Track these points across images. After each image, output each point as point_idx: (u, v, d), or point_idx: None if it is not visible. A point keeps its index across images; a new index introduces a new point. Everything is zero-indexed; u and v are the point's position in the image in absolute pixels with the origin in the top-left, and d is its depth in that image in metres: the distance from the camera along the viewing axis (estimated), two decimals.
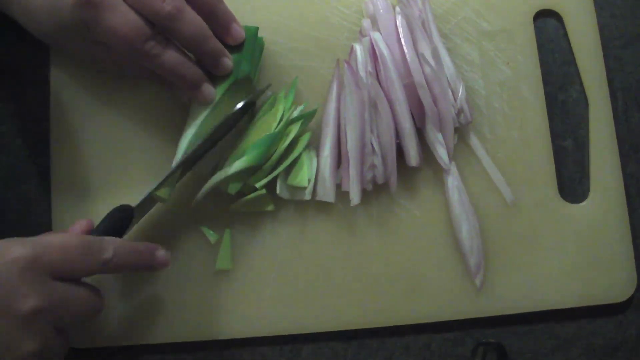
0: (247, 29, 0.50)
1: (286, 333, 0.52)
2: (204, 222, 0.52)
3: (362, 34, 0.54)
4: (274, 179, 0.51)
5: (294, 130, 0.50)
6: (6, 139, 0.54)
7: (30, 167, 0.54)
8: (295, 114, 0.51)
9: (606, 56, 0.55)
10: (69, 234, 0.43)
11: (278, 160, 0.50)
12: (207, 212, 0.52)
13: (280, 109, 0.51)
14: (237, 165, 0.48)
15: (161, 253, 0.46)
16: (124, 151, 0.53)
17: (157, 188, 0.48)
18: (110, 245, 0.42)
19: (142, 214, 0.50)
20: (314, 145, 0.53)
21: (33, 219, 0.53)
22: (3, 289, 0.37)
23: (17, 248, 0.38)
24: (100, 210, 0.50)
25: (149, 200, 0.49)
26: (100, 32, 0.44)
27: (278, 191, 0.51)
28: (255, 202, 0.51)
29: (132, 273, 0.51)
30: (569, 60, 0.56)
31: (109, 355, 0.52)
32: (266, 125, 0.50)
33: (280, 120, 0.50)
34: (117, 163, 0.53)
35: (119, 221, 0.47)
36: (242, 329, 0.51)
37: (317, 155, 0.52)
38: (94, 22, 0.44)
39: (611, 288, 0.52)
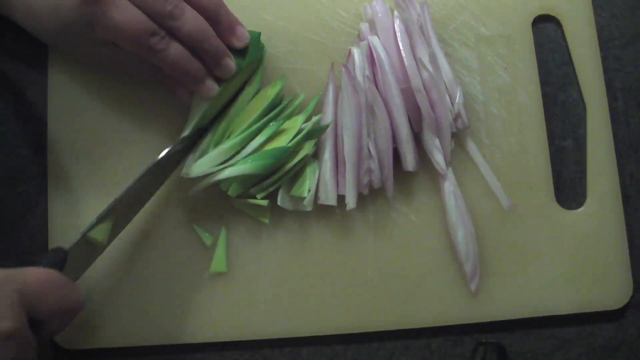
0: (250, 33, 0.51)
1: (282, 336, 0.52)
2: (199, 224, 0.52)
3: (360, 37, 0.54)
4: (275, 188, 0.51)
5: (307, 148, 0.50)
6: (6, 139, 0.55)
7: (30, 167, 0.54)
8: (310, 125, 0.51)
9: (606, 56, 0.55)
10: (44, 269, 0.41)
11: (283, 173, 0.50)
12: (203, 213, 0.52)
13: (298, 121, 0.51)
14: (242, 168, 0.48)
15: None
16: (123, 153, 0.53)
17: (91, 227, 0.44)
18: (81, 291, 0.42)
19: (84, 261, 0.46)
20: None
21: (32, 219, 0.53)
22: None
23: None
24: (95, 214, 0.51)
25: (86, 244, 0.45)
26: (105, 28, 0.45)
27: (280, 202, 0.51)
28: (254, 208, 0.51)
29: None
30: (569, 60, 0.56)
31: (106, 357, 0.52)
32: (282, 134, 0.50)
33: (297, 134, 0.50)
34: (115, 165, 0.53)
35: (52, 267, 0.42)
36: (239, 332, 0.52)
37: (318, 160, 0.52)
38: (99, 19, 0.44)
39: (607, 295, 0.52)
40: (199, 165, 0.49)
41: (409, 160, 0.51)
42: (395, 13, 0.52)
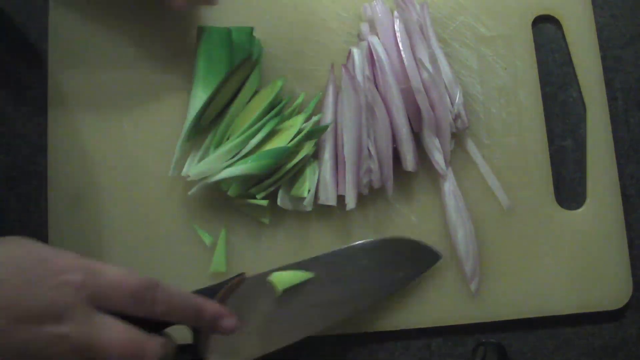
0: (242, 29, 0.51)
1: None
2: (199, 224, 0.52)
3: (360, 37, 0.54)
4: (275, 188, 0.51)
5: (307, 148, 0.50)
6: (6, 139, 0.55)
7: (30, 167, 0.54)
8: (310, 125, 0.51)
9: (606, 56, 0.55)
10: (125, 270, 0.38)
11: (283, 173, 0.50)
12: (203, 213, 0.52)
13: (298, 121, 0.51)
14: (241, 168, 0.48)
15: (228, 322, 0.42)
16: (123, 154, 0.53)
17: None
18: (165, 297, 0.39)
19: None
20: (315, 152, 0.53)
21: (33, 219, 0.53)
22: (47, 300, 0.35)
23: (72, 275, 0.36)
24: (95, 213, 0.51)
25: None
26: None
27: (279, 202, 0.51)
28: (254, 208, 0.51)
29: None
30: (569, 60, 0.56)
31: None
32: (282, 134, 0.50)
33: (297, 134, 0.50)
34: (116, 165, 0.53)
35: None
36: None
37: (318, 161, 0.52)
38: None
39: (607, 295, 0.52)
40: (200, 167, 0.49)
41: (409, 160, 0.51)
42: (395, 13, 0.52)
